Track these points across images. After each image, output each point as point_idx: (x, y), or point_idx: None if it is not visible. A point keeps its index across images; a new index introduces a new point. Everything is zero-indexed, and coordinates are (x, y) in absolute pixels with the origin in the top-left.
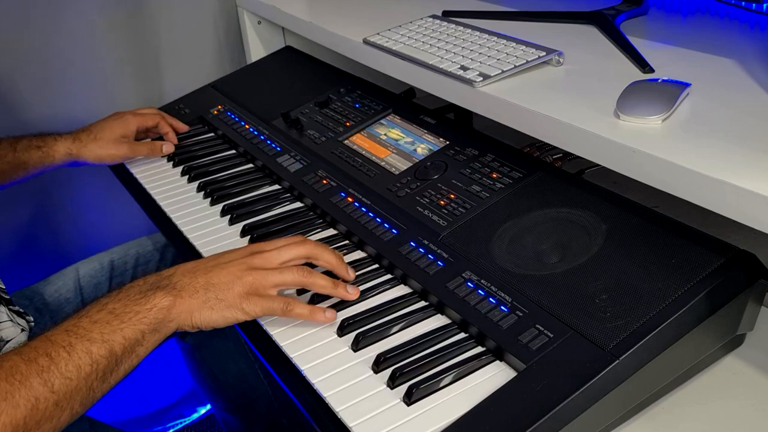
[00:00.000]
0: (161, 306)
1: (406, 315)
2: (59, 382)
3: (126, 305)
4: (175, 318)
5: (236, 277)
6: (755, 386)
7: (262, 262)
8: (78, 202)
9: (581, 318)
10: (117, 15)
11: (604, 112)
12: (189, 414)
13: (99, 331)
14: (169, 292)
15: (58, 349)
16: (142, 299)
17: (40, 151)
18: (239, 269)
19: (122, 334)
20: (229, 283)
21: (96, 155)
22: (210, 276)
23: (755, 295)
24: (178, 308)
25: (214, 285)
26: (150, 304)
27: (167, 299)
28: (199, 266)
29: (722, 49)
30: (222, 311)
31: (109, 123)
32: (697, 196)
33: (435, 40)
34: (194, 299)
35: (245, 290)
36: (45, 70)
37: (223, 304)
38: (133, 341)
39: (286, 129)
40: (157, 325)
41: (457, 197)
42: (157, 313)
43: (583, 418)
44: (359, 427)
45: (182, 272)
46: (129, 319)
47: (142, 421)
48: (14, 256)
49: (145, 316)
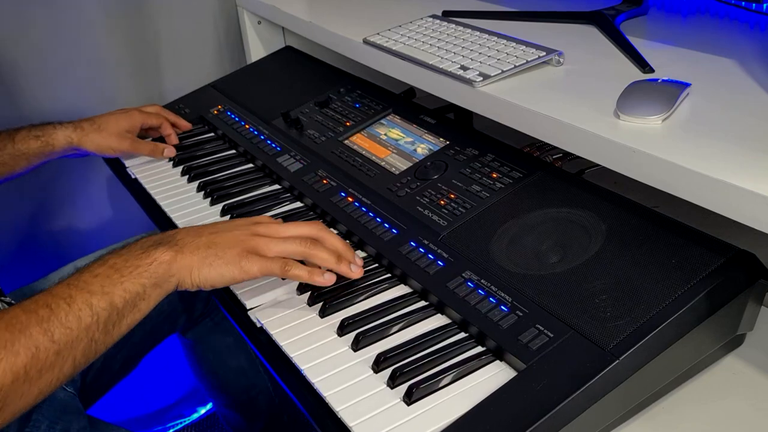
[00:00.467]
0: (162, 260)
1: (406, 315)
2: (60, 332)
3: (127, 260)
4: (175, 273)
5: (239, 239)
6: (755, 386)
7: (267, 231)
8: (77, 201)
9: (581, 318)
10: (117, 15)
11: (604, 112)
12: (189, 414)
13: (99, 284)
14: (171, 248)
15: (58, 300)
16: (143, 254)
17: (39, 141)
18: (243, 233)
19: (122, 286)
20: (230, 242)
21: (97, 145)
22: (213, 236)
23: (755, 295)
24: (178, 263)
25: (216, 244)
26: (150, 258)
27: (168, 254)
28: (204, 228)
29: (722, 49)
30: (220, 268)
31: (114, 116)
32: (697, 196)
33: (435, 40)
34: (194, 255)
35: (245, 249)
36: (45, 69)
37: (222, 261)
38: (134, 294)
39: (286, 129)
40: (158, 279)
41: (457, 197)
42: (158, 267)
43: (583, 418)
44: (359, 427)
45: (186, 232)
46: (129, 273)
47: (142, 421)
48: (14, 255)
49: (146, 270)
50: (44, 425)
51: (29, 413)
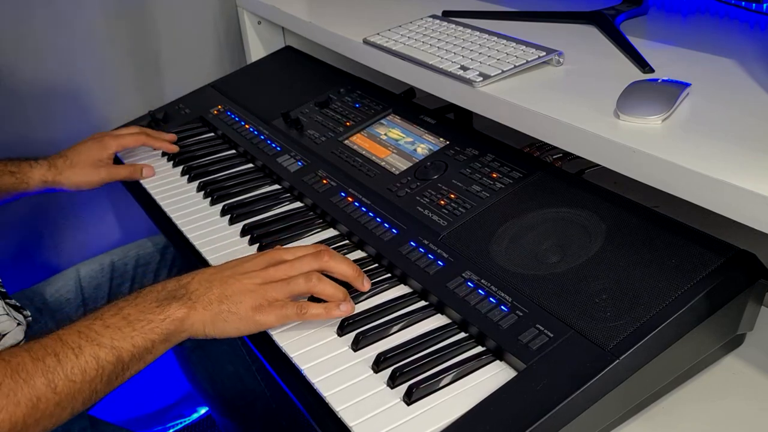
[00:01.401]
0: (175, 317)
1: (406, 315)
2: (63, 384)
3: (141, 312)
4: (187, 329)
5: (249, 291)
6: (755, 386)
7: (277, 274)
8: (79, 203)
9: (581, 318)
10: (117, 15)
11: (604, 112)
12: (189, 414)
13: (110, 336)
14: (184, 304)
15: (66, 350)
16: (157, 308)
17: (13, 177)
18: (254, 283)
19: (132, 342)
20: (241, 296)
21: (72, 182)
22: (225, 288)
23: (755, 295)
24: (191, 319)
25: (228, 297)
26: (164, 314)
27: (182, 311)
28: (215, 276)
29: (722, 49)
30: (235, 324)
31: (85, 147)
32: (697, 196)
33: (435, 40)
34: (207, 311)
35: (257, 303)
36: (45, 70)
37: (236, 317)
38: (143, 349)
39: (286, 129)
40: (169, 335)
41: (457, 197)
42: (170, 324)
43: (583, 418)
44: (359, 427)
45: (199, 281)
46: (141, 328)
47: (142, 421)
48: (15, 258)
49: (158, 326)
50: None
51: None
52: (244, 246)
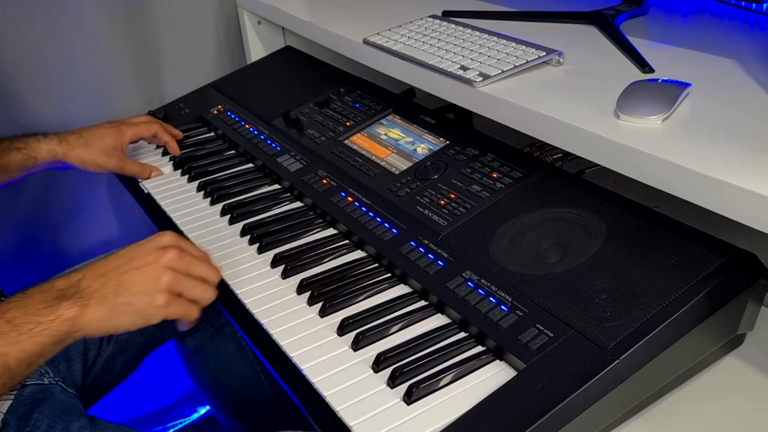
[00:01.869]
0: (66, 317)
1: (406, 314)
2: None
3: (27, 314)
4: (81, 328)
5: (150, 282)
6: (755, 386)
7: (178, 265)
8: (78, 201)
9: (581, 318)
10: (117, 15)
11: (604, 112)
12: (189, 414)
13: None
14: (75, 302)
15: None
16: (45, 309)
17: (20, 153)
18: (155, 272)
19: (19, 347)
20: (142, 288)
21: (82, 160)
22: (123, 280)
23: (755, 295)
24: (85, 318)
25: (126, 288)
26: (54, 314)
27: (73, 309)
28: (110, 267)
29: (722, 49)
30: (131, 317)
31: (102, 131)
32: (697, 196)
33: (435, 40)
34: (103, 306)
35: (158, 295)
36: (45, 69)
37: (133, 309)
38: (32, 354)
39: (286, 129)
40: (61, 337)
41: (457, 197)
42: (61, 325)
43: (583, 418)
44: (359, 427)
45: (92, 276)
46: (29, 330)
47: (142, 421)
48: (15, 258)
49: (47, 328)
50: (45, 424)
51: (30, 413)
52: (244, 246)
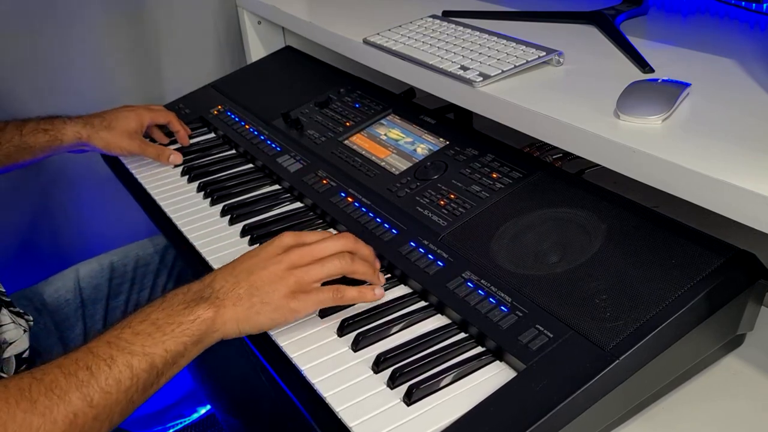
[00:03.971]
0: (205, 317)
1: (406, 315)
2: (98, 396)
3: (169, 315)
4: (219, 328)
5: (279, 278)
6: (755, 386)
7: (302, 258)
8: (78, 201)
9: (581, 318)
10: (117, 15)
11: (604, 112)
12: (189, 414)
13: (141, 343)
14: (212, 303)
15: (98, 362)
16: (185, 310)
17: (47, 135)
18: (280, 269)
19: (164, 346)
20: (272, 284)
21: (106, 143)
22: (252, 280)
23: (755, 295)
24: (222, 318)
25: (258, 289)
26: (194, 315)
27: (210, 310)
28: (239, 269)
29: (722, 49)
30: (270, 314)
31: (123, 114)
32: (697, 196)
33: (435, 40)
34: (238, 307)
35: (290, 290)
36: (45, 69)
37: (270, 308)
38: (176, 354)
39: (286, 129)
40: (201, 336)
41: (457, 197)
42: (201, 325)
43: (583, 418)
44: (359, 427)
45: (224, 278)
46: (171, 331)
47: (142, 421)
48: (14, 258)
49: (188, 328)
50: None
51: None
52: (244, 246)
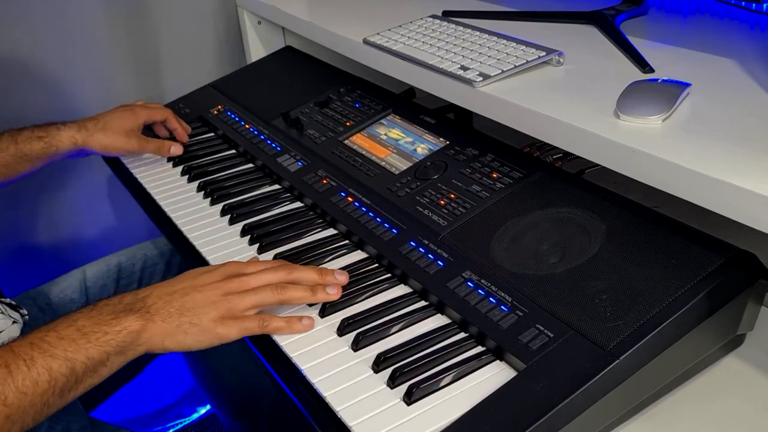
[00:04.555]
0: (131, 329)
1: (406, 315)
2: (13, 396)
3: (96, 323)
4: (144, 342)
5: (212, 302)
6: (755, 386)
7: (239, 285)
8: (78, 201)
9: (581, 318)
10: (117, 14)
11: (604, 112)
12: (189, 414)
13: (63, 347)
14: (142, 316)
15: (18, 361)
16: (113, 320)
17: (42, 142)
18: (215, 294)
19: (86, 353)
20: (204, 308)
21: (103, 144)
22: (185, 300)
23: (755, 295)
24: (148, 332)
25: (189, 310)
26: (120, 326)
27: (138, 323)
28: (175, 288)
29: (722, 49)
30: (196, 335)
31: (117, 114)
32: (697, 196)
33: (435, 40)
34: (167, 324)
35: (220, 315)
36: (45, 69)
37: (197, 329)
38: (97, 361)
39: (286, 129)
40: (124, 348)
41: (457, 197)
42: (126, 336)
43: (583, 418)
44: (359, 427)
45: (158, 295)
46: (96, 339)
47: (142, 421)
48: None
49: (113, 338)
50: (45, 425)
51: None
52: (244, 246)
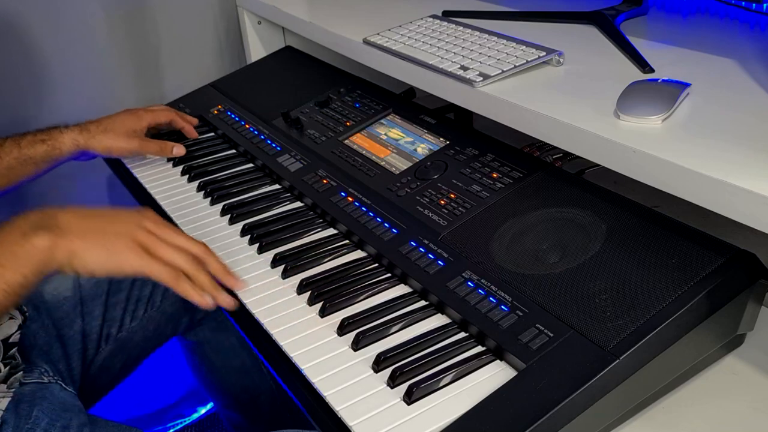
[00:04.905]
0: (42, 247)
1: (406, 314)
2: None
3: (2, 245)
4: (57, 257)
5: (129, 231)
6: (755, 386)
7: (158, 232)
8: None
9: (581, 318)
10: (117, 15)
11: (604, 112)
12: (189, 414)
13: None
14: (51, 231)
15: None
16: (21, 239)
17: (45, 145)
18: (133, 225)
19: (3, 279)
20: (122, 233)
21: (105, 146)
22: (102, 223)
23: (755, 295)
24: (60, 248)
25: (105, 231)
26: (29, 244)
27: (47, 239)
28: (91, 212)
29: (722, 49)
30: (107, 257)
31: (120, 117)
32: (697, 196)
33: (435, 40)
34: (80, 240)
35: (137, 244)
36: (45, 69)
37: (107, 251)
38: (16, 285)
39: (286, 129)
40: (40, 267)
41: (457, 197)
42: (38, 254)
43: (583, 418)
44: (359, 427)
45: (72, 213)
46: (8, 261)
47: (142, 421)
48: None
49: (26, 259)
50: (44, 422)
51: (29, 410)
52: (245, 246)
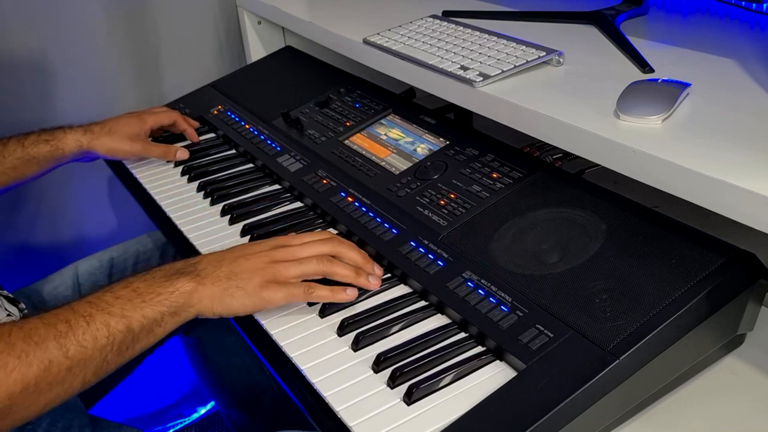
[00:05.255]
0: (183, 290)
1: (406, 315)
2: (74, 349)
3: (150, 285)
4: (195, 303)
5: (258, 269)
6: (755, 386)
7: (285, 255)
8: (78, 201)
9: (581, 318)
10: (117, 15)
11: (604, 112)
12: (189, 414)
13: (120, 306)
14: (193, 278)
15: (78, 317)
16: (166, 282)
17: (48, 145)
18: (262, 261)
19: (142, 312)
20: (251, 272)
21: (108, 148)
22: (233, 266)
23: (755, 295)
24: (199, 294)
25: (236, 274)
26: (173, 287)
27: (190, 284)
28: (224, 256)
29: (722, 49)
30: (242, 299)
31: (124, 119)
32: (697, 196)
33: (435, 40)
34: (216, 287)
35: (266, 280)
36: (45, 69)
37: (243, 293)
38: (152, 320)
39: (286, 129)
40: (177, 309)
41: (457, 197)
42: (179, 297)
43: (583, 418)
44: (359, 427)
45: (208, 261)
46: (151, 299)
47: (142, 421)
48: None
49: (167, 299)
50: (45, 422)
51: None
52: None
